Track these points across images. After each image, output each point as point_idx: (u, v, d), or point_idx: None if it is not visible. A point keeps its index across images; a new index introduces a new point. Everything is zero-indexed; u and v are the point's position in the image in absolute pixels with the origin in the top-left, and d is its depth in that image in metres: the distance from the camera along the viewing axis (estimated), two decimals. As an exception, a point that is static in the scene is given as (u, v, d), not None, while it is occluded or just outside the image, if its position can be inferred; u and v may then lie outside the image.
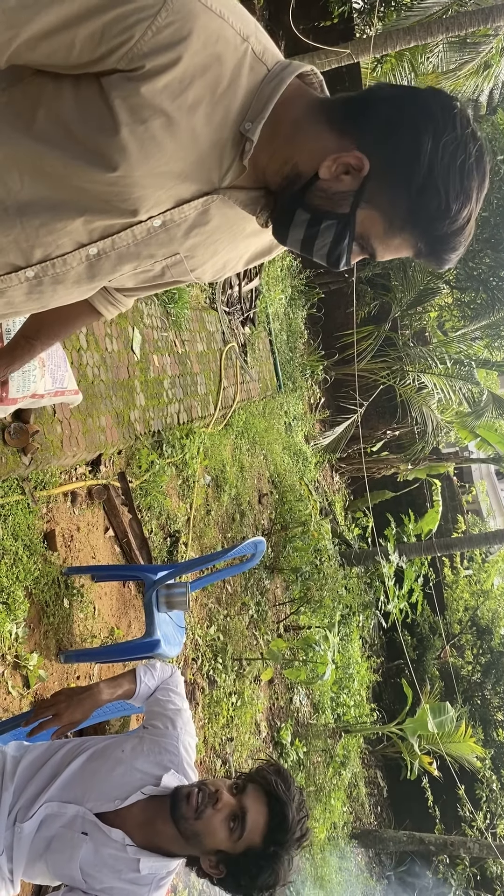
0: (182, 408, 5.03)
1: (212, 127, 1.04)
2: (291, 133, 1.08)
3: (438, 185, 1.02)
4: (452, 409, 11.04)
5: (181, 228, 1.15)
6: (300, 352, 10.01)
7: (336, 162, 1.05)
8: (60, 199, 1.08)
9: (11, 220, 1.09)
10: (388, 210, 1.06)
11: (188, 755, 1.82)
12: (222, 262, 1.27)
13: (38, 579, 3.10)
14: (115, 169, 1.03)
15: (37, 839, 1.73)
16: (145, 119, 1.00)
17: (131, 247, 1.15)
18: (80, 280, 1.19)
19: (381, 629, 11.46)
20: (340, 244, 1.10)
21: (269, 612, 6.67)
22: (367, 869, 9.62)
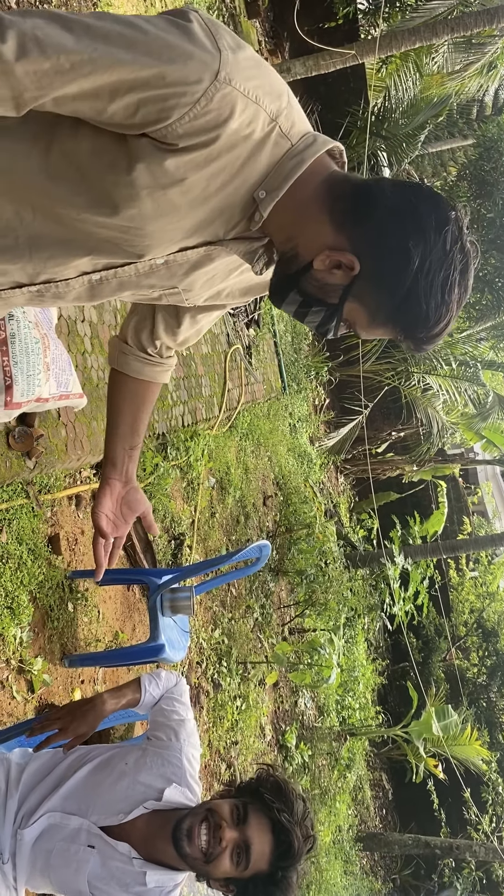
0: (186, 410, 5.02)
1: (226, 193, 1.08)
2: (298, 213, 1.11)
3: (420, 296, 1.07)
4: (458, 410, 11.01)
5: (182, 268, 1.19)
6: (305, 353, 9.99)
7: (329, 258, 1.10)
8: (70, 237, 1.10)
9: (21, 250, 1.12)
10: (372, 308, 1.13)
11: (192, 767, 1.80)
12: (216, 290, 1.31)
13: (43, 583, 3.09)
14: (130, 222, 1.07)
15: (36, 849, 1.72)
16: (165, 186, 1.04)
17: (133, 277, 1.19)
18: (80, 297, 1.23)
19: (387, 631, 11.43)
20: (328, 325, 1.18)
21: (273, 614, 6.65)
22: (373, 872, 9.59)
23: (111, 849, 1.66)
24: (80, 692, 3.27)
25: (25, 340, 2.38)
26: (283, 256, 1.15)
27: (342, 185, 1.12)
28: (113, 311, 3.95)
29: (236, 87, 1.00)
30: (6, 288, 1.19)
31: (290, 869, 1.62)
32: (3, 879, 1.80)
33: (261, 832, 1.61)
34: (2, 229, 1.09)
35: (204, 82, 0.98)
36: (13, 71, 0.95)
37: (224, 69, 0.99)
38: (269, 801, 1.63)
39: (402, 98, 9.45)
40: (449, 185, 10.85)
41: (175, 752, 1.78)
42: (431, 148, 12.82)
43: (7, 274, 1.16)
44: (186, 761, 1.78)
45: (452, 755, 8.94)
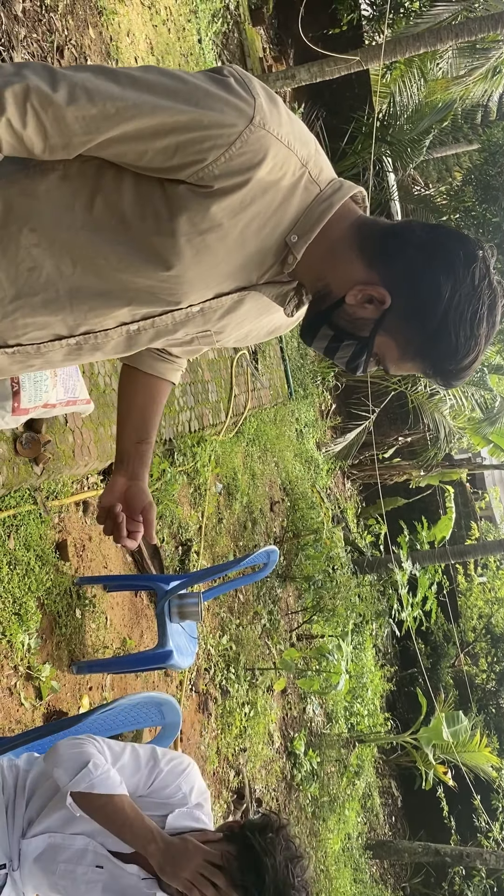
0: (193, 416, 5.02)
1: (260, 238, 1.13)
2: (329, 253, 1.16)
3: (451, 330, 1.12)
4: (465, 415, 10.97)
5: (216, 314, 1.23)
6: (311, 358, 9.99)
7: (362, 292, 1.14)
8: (109, 288, 1.14)
9: (62, 302, 1.16)
10: (402, 342, 1.17)
11: (198, 791, 1.78)
12: (245, 332, 1.36)
13: (51, 590, 3.09)
14: (169, 269, 1.10)
15: (38, 866, 1.73)
16: (203, 231, 1.08)
17: (169, 326, 1.23)
18: (117, 348, 1.27)
19: (395, 637, 11.38)
20: (358, 359, 1.21)
21: (281, 620, 6.63)
22: (382, 881, 9.52)
23: (120, 870, 1.68)
24: (88, 699, 3.26)
25: (32, 346, 2.39)
26: (315, 295, 1.20)
27: (371, 227, 1.17)
28: (119, 318, 3.95)
29: (270, 132, 1.06)
30: (46, 341, 1.22)
31: None
32: (13, 887, 1.79)
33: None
34: (43, 283, 1.13)
35: (239, 126, 1.04)
36: (64, 116, 1.03)
37: (258, 114, 1.05)
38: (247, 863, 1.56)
39: (407, 104, 9.47)
40: (454, 190, 10.85)
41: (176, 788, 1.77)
42: (436, 153, 12.83)
43: (48, 327, 1.19)
44: (191, 791, 1.77)
45: (462, 762, 8.88)
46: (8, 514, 2.85)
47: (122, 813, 1.63)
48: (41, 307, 1.16)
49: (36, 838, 1.72)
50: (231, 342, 1.38)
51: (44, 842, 1.71)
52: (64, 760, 1.68)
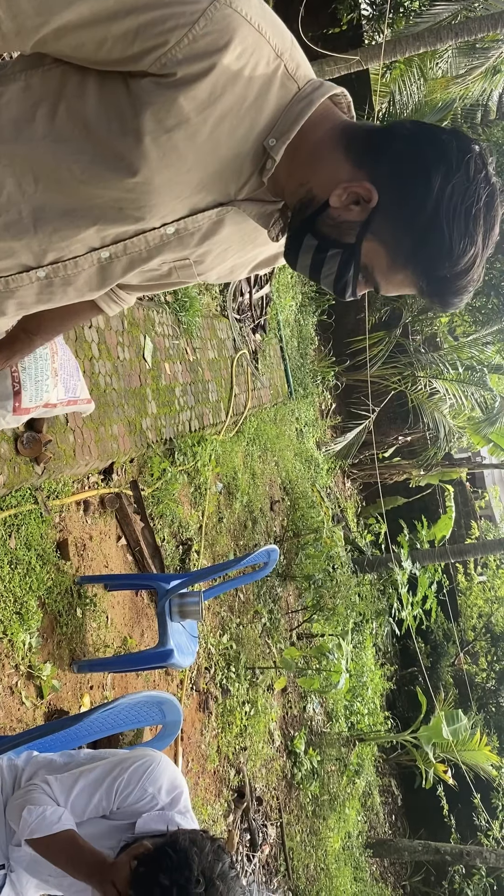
0: (194, 415, 5.02)
1: (234, 140, 1.03)
2: (311, 156, 1.07)
3: (443, 226, 1.01)
4: (465, 414, 10.98)
5: (194, 237, 1.14)
6: (311, 358, 9.99)
7: (346, 191, 1.05)
8: (74, 206, 1.07)
9: (25, 224, 1.09)
10: (392, 245, 1.05)
11: (168, 787, 1.78)
12: (229, 266, 1.27)
13: (51, 589, 3.09)
14: (135, 175, 1.02)
15: (30, 873, 1.75)
16: (170, 129, 0.99)
17: (143, 252, 1.14)
18: (90, 282, 1.18)
19: (395, 636, 11.39)
20: (345, 274, 1.10)
21: (281, 620, 6.63)
22: (383, 879, 9.53)
23: None
24: (89, 698, 3.27)
25: (34, 346, 2.39)
26: (298, 205, 1.09)
27: (358, 128, 1.08)
28: (120, 317, 3.96)
29: (237, 10, 0.97)
30: (13, 273, 1.15)
31: None
32: (11, 887, 1.81)
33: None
34: (4, 204, 1.07)
35: (203, 2, 0.95)
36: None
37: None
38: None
39: (407, 103, 9.46)
40: (454, 190, 10.83)
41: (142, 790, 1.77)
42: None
43: (13, 254, 1.12)
44: (160, 789, 1.76)
45: (462, 761, 8.89)
46: (9, 514, 2.85)
47: (61, 851, 1.66)
48: (3, 231, 1.09)
49: (21, 849, 1.75)
50: (214, 277, 1.28)
51: (28, 854, 1.73)
52: (13, 815, 1.75)
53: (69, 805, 1.73)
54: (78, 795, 1.73)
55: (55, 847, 1.65)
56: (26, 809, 1.67)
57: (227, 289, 6.28)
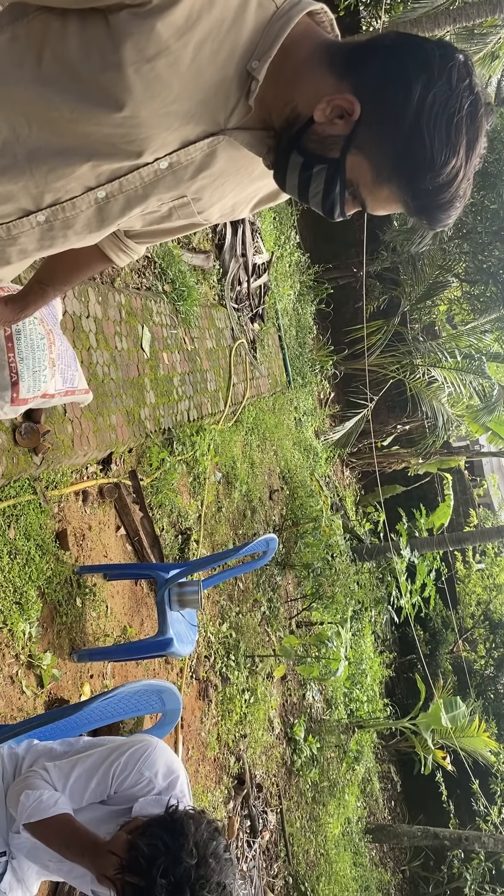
0: (192, 405, 5.03)
1: (217, 65, 1.04)
2: (294, 74, 1.07)
3: (424, 135, 0.99)
4: (463, 403, 10.99)
5: (188, 171, 1.14)
6: (309, 347, 9.98)
7: (329, 104, 1.04)
8: (67, 144, 1.09)
9: (21, 167, 1.11)
10: (376, 157, 1.05)
11: (164, 771, 1.79)
12: (230, 204, 1.27)
13: (51, 579, 3.10)
14: (121, 109, 1.03)
15: (31, 859, 1.77)
16: (150, 58, 1.00)
17: (139, 189, 1.15)
18: (89, 224, 1.20)
19: (394, 624, 11.44)
20: (332, 191, 1.09)
21: (281, 608, 6.66)
22: (382, 864, 9.62)
23: None
24: (89, 687, 3.29)
25: (31, 336, 2.39)
26: (284, 124, 1.10)
27: (340, 44, 1.08)
28: (117, 307, 3.96)
29: None
30: (14, 218, 1.17)
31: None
32: (13, 874, 1.83)
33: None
34: (1, 146, 1.09)
35: None
36: None
37: None
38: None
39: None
40: (452, 177, 10.79)
41: (139, 775, 1.78)
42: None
43: (12, 198, 1.14)
44: (156, 774, 1.78)
45: (461, 747, 8.95)
46: (8, 504, 2.86)
47: (57, 835, 1.68)
48: (1, 175, 1.12)
49: (21, 836, 1.76)
50: (216, 215, 1.28)
51: (29, 840, 1.75)
52: (12, 801, 1.77)
53: (67, 791, 1.75)
54: (76, 781, 1.75)
55: (50, 830, 1.67)
56: (24, 794, 1.70)
57: (226, 277, 6.27)
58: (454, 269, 10.80)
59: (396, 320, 10.89)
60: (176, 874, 1.44)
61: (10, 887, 1.81)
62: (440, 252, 10.41)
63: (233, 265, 6.36)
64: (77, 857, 1.65)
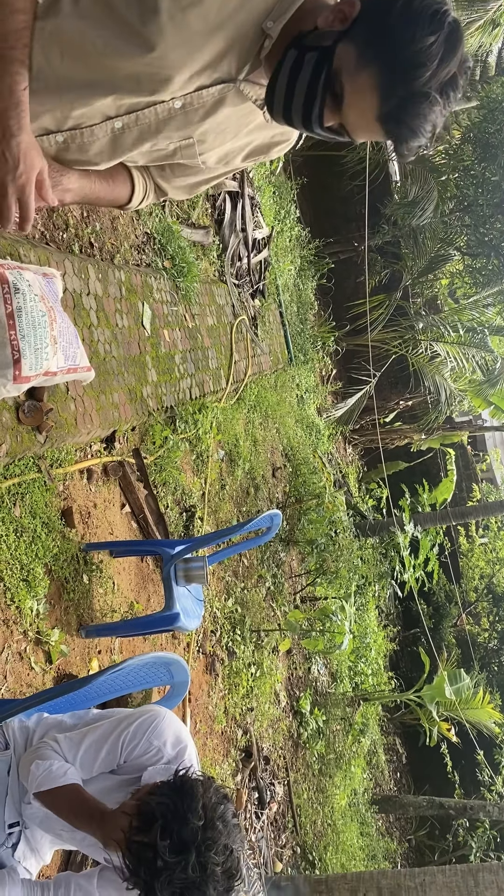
0: (194, 383, 5.02)
1: (237, 21, 1.17)
2: (304, 19, 1.19)
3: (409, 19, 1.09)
4: (466, 377, 10.95)
5: (198, 113, 1.26)
6: (311, 323, 9.94)
7: (334, 12, 1.17)
8: (94, 77, 1.19)
9: (50, 92, 1.21)
10: (362, 42, 1.13)
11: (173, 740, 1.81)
12: (226, 150, 1.38)
13: (58, 556, 3.13)
14: (152, 50, 1.14)
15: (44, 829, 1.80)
16: (185, 7, 1.12)
17: (153, 124, 1.27)
18: (102, 151, 1.30)
19: (397, 599, 11.51)
20: (317, 82, 1.16)
21: (285, 584, 6.70)
22: (388, 834, 9.76)
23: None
24: (97, 662, 3.32)
25: (32, 314, 2.39)
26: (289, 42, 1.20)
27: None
28: (118, 284, 3.94)
29: None
30: (36, 136, 1.24)
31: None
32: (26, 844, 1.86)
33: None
34: (35, 73, 1.19)
35: None
36: None
37: None
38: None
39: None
40: (453, 149, 10.68)
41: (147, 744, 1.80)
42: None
43: (37, 118, 1.23)
44: (165, 743, 1.80)
45: (465, 719, 9.03)
46: (13, 483, 2.87)
47: (65, 803, 1.70)
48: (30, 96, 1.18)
49: (33, 806, 1.79)
50: (213, 160, 1.39)
51: (41, 810, 1.78)
52: (23, 771, 1.79)
53: (78, 761, 1.77)
54: (86, 752, 1.77)
55: (60, 799, 1.70)
56: (34, 764, 1.72)
57: (225, 253, 6.23)
58: (456, 242, 10.71)
59: (398, 295, 10.82)
60: (182, 834, 1.46)
61: (24, 856, 1.85)
62: (441, 225, 10.32)
63: (233, 240, 6.32)
64: (85, 824, 1.67)
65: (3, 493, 2.81)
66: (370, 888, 5.47)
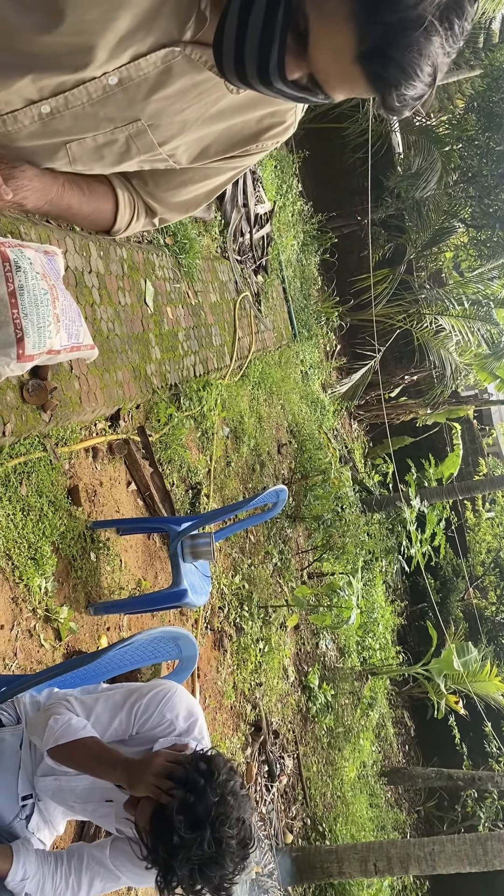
0: (198, 360, 5.01)
1: None
2: None
3: None
4: (471, 351, 10.90)
5: (141, 89, 1.05)
6: (314, 299, 9.88)
7: None
8: (6, 58, 1.01)
9: None
10: None
11: (185, 713, 1.82)
12: (196, 138, 1.14)
13: (65, 534, 3.14)
14: (62, 15, 0.95)
15: (56, 802, 1.83)
16: None
17: (86, 107, 1.06)
18: (32, 137, 1.11)
19: (404, 573, 11.55)
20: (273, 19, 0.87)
21: (292, 560, 6.73)
22: (397, 805, 9.88)
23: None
24: (106, 639, 3.35)
25: (34, 292, 2.38)
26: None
27: None
28: (119, 262, 3.92)
29: None
30: None
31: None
32: (39, 816, 1.88)
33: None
34: None
35: None
36: None
37: None
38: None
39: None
40: (456, 119, 10.54)
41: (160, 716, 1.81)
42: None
43: None
44: (177, 715, 1.81)
45: (473, 691, 9.09)
46: (19, 461, 2.88)
47: (88, 752, 1.70)
48: None
49: (45, 779, 1.81)
50: (184, 154, 1.16)
51: (53, 782, 1.80)
52: (37, 728, 1.79)
53: (90, 726, 1.79)
54: (99, 717, 1.79)
55: (80, 750, 1.70)
56: (52, 719, 1.73)
57: (227, 229, 6.18)
58: (460, 213, 10.61)
59: (402, 269, 10.74)
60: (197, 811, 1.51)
61: (38, 827, 1.87)
62: (445, 197, 10.21)
63: (234, 216, 6.27)
64: (110, 770, 1.67)
65: (9, 472, 2.82)
66: (380, 857, 5.55)
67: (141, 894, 3.31)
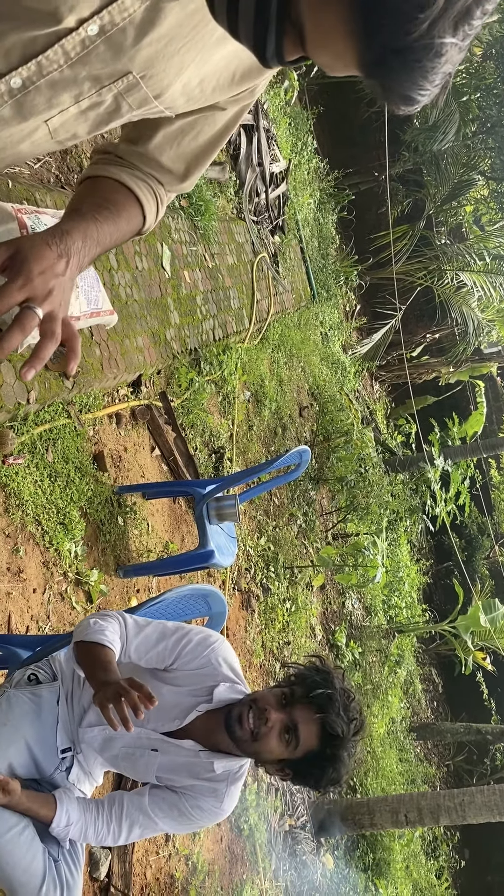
0: (217, 324, 4.99)
1: None
2: None
3: None
4: (494, 306, 10.74)
5: (127, 34, 0.84)
6: (333, 258, 9.76)
7: None
8: None
9: None
10: None
11: (229, 664, 1.87)
12: (196, 80, 0.95)
13: (92, 499, 3.19)
14: None
15: (102, 753, 1.87)
16: None
17: (65, 70, 0.86)
18: (8, 122, 0.92)
19: (429, 533, 11.56)
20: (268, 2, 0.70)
21: (316, 521, 6.76)
22: (427, 759, 10.03)
23: (176, 748, 1.80)
24: (135, 600, 3.41)
25: (52, 258, 2.38)
26: None
27: None
28: (135, 226, 3.90)
29: None
30: None
31: (338, 747, 1.73)
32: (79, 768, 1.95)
33: (306, 713, 1.72)
34: None
35: None
36: None
37: None
38: (310, 689, 1.73)
39: None
40: (474, 68, 10.25)
41: (205, 661, 1.84)
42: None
43: None
44: (222, 661, 1.85)
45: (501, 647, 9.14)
46: (44, 429, 2.91)
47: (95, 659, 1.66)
48: None
49: (92, 729, 1.85)
50: (181, 99, 0.96)
51: (100, 733, 1.85)
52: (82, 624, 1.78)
53: (134, 644, 1.80)
54: (147, 637, 1.81)
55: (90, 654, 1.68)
56: (93, 620, 1.74)
57: (243, 189, 6.11)
58: (479, 166, 10.38)
59: (422, 224, 10.56)
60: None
61: (78, 779, 1.94)
62: (464, 149, 9.99)
63: (249, 175, 6.19)
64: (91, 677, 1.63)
65: (35, 438, 2.86)
66: (410, 809, 5.66)
67: (178, 840, 3.42)
